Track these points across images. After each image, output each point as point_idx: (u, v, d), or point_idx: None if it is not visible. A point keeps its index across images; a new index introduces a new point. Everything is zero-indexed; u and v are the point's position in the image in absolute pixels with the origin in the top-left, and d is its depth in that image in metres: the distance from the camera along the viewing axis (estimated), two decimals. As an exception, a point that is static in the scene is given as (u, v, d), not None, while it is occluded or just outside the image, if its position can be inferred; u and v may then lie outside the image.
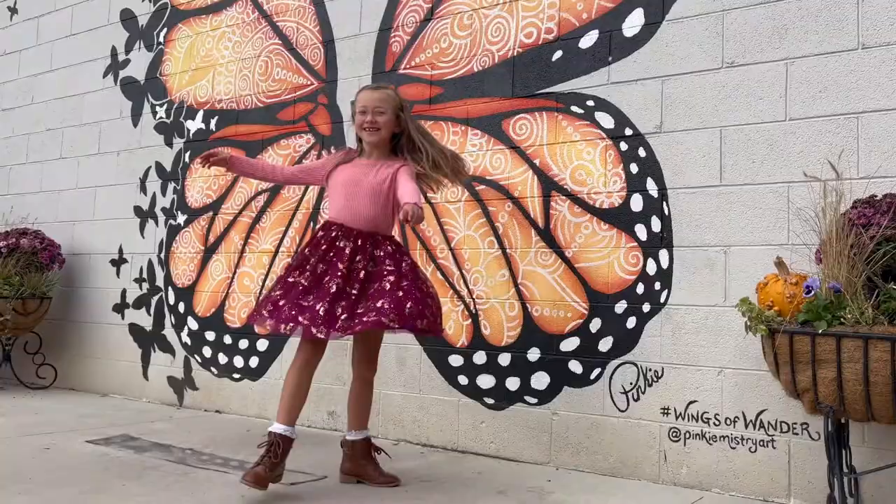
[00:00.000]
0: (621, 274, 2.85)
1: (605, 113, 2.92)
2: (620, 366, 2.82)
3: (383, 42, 3.53)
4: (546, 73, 3.07)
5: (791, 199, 2.51)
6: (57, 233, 4.66)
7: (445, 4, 3.35)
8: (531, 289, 3.04)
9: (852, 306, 2.01)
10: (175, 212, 4.25)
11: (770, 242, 2.54)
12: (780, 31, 2.59)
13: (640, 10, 2.87)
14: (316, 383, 3.57)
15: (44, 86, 5.06)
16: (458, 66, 3.30)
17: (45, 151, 4.99)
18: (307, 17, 3.81)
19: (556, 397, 2.95)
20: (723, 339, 2.62)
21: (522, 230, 3.08)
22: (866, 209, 2.10)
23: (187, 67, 4.29)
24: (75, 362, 4.61)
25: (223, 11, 4.16)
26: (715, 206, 2.67)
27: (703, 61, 2.73)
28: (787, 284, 2.18)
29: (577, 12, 3.01)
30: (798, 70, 2.55)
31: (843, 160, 2.41)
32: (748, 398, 2.57)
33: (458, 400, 3.18)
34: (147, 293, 4.32)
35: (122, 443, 3.15)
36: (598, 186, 2.92)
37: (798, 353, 2.07)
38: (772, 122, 2.58)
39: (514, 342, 3.07)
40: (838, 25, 2.49)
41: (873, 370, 1.93)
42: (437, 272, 3.28)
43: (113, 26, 4.68)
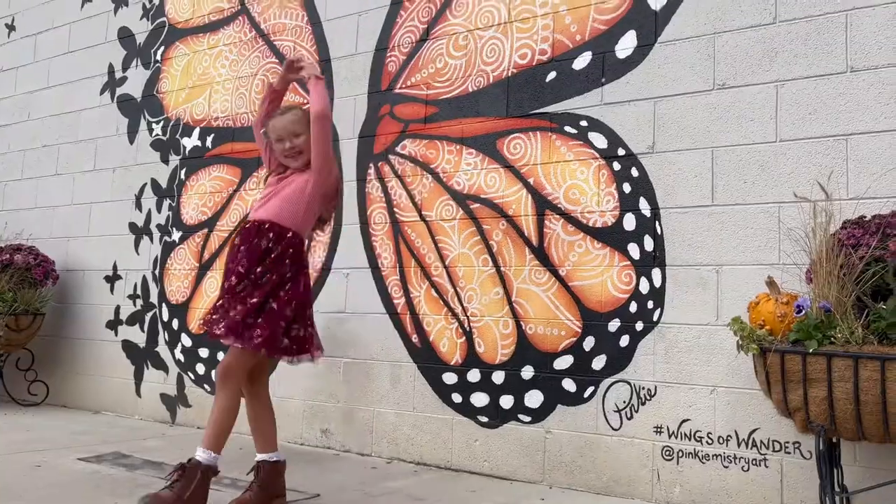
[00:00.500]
0: (614, 292, 2.86)
1: (598, 133, 2.96)
2: (614, 384, 2.83)
3: (379, 61, 3.57)
4: (540, 94, 3.10)
5: (782, 219, 2.54)
6: (51, 249, 4.66)
7: (441, 25, 3.39)
8: (525, 307, 3.06)
9: (842, 326, 2.03)
10: (170, 228, 4.26)
11: (761, 262, 2.56)
12: (770, 54, 2.63)
13: (632, 33, 2.91)
14: (308, 401, 3.60)
15: (40, 102, 5.08)
16: (454, 86, 3.33)
17: (41, 167, 5.00)
18: (304, 36, 3.85)
19: (549, 415, 2.95)
20: (715, 357, 2.63)
21: (517, 248, 3.10)
22: (855, 230, 2.13)
23: (184, 85, 4.31)
24: (67, 379, 4.59)
25: (220, 30, 4.20)
26: (707, 226, 2.70)
27: (694, 83, 2.77)
28: (779, 304, 2.20)
29: (571, 34, 3.05)
30: (788, 92, 2.59)
31: (832, 181, 2.44)
32: (741, 417, 2.58)
33: (452, 418, 3.18)
34: (141, 310, 4.32)
35: (113, 460, 3.13)
36: (592, 205, 2.95)
37: (789, 372, 2.08)
38: (762, 143, 2.62)
39: (508, 360, 3.07)
40: (827, 49, 2.53)
41: (863, 389, 1.95)
42: (432, 290, 3.30)
43: (110, 44, 4.71)
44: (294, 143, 2.53)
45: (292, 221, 2.47)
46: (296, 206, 2.49)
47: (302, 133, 2.53)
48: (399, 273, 3.40)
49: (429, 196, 3.35)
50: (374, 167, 3.53)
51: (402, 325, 3.37)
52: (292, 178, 2.55)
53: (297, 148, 2.53)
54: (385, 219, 3.47)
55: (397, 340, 3.37)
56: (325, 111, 2.51)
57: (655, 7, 2.87)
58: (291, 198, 2.50)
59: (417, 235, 3.37)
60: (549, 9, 3.10)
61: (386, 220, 3.47)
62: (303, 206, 2.49)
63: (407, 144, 3.44)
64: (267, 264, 2.40)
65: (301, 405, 3.62)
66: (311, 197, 2.51)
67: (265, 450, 2.48)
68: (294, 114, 2.60)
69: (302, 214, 2.49)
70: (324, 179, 2.52)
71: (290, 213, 2.48)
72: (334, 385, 3.53)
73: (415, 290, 3.35)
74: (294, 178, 2.54)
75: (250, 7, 4.08)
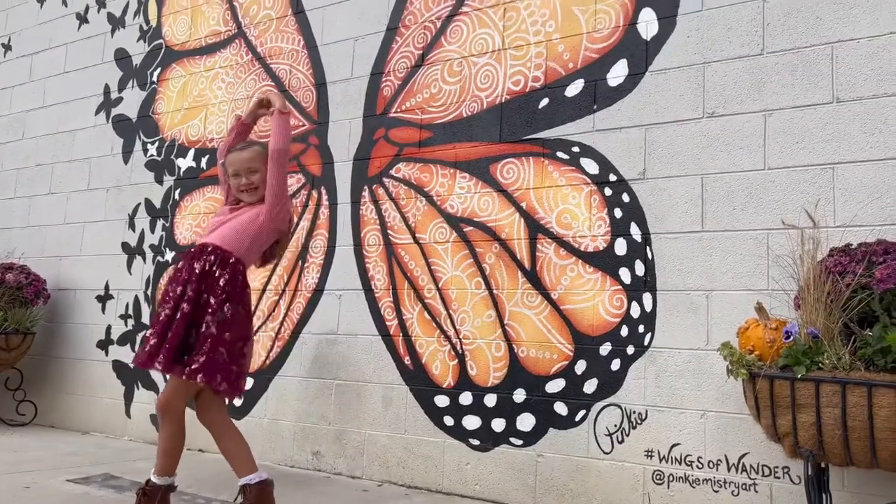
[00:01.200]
0: (606, 316, 2.89)
1: (590, 159, 3.00)
2: (605, 408, 2.85)
3: (375, 86, 3.61)
4: (533, 120, 3.15)
5: (770, 245, 2.58)
6: (43, 268, 4.65)
7: (436, 51, 3.44)
8: (517, 330, 3.08)
9: (830, 352, 2.06)
10: (163, 248, 4.26)
11: (750, 288, 2.60)
12: (758, 84, 2.69)
13: (624, 61, 2.97)
14: (300, 423, 3.59)
15: (35, 121, 5.10)
16: (448, 110, 3.38)
17: (34, 186, 5.00)
18: (300, 60, 3.90)
19: (541, 439, 2.96)
20: (705, 381, 2.66)
21: (509, 272, 3.13)
22: (842, 257, 2.17)
23: (180, 106, 4.35)
24: (57, 399, 4.56)
25: (217, 53, 4.24)
26: (697, 252, 2.73)
27: (684, 111, 2.82)
28: (767, 329, 2.23)
29: (564, 62, 3.11)
30: (776, 121, 2.64)
31: (819, 209, 2.49)
32: (731, 441, 2.60)
33: (444, 441, 3.18)
34: (132, 329, 4.30)
35: (103, 482, 3.11)
36: (584, 230, 2.99)
37: (778, 398, 2.11)
38: (751, 170, 2.67)
39: (501, 383, 3.09)
40: (814, 80, 2.59)
41: (851, 415, 1.97)
42: (425, 312, 3.32)
43: (107, 65, 4.74)
44: (250, 180, 2.59)
45: (237, 249, 2.51)
46: (242, 236, 2.54)
47: (258, 170, 2.59)
48: (392, 295, 3.42)
49: (422, 219, 3.38)
50: (369, 190, 3.57)
51: (394, 347, 3.38)
52: (244, 209, 2.61)
53: (252, 184, 2.60)
54: (379, 241, 3.50)
55: (390, 362, 3.38)
56: (284, 148, 2.56)
57: (646, 37, 2.93)
58: (239, 228, 2.56)
59: (411, 257, 3.39)
60: (543, 37, 3.16)
61: (380, 241, 3.49)
62: (249, 238, 2.55)
63: (401, 167, 3.47)
64: (204, 286, 2.42)
65: (292, 427, 3.62)
66: (259, 229, 2.57)
67: (244, 473, 2.48)
68: (253, 150, 2.65)
69: (247, 245, 2.54)
70: (275, 215, 2.58)
71: (237, 241, 2.52)
72: (326, 407, 3.53)
73: (408, 311, 3.37)
74: (246, 209, 2.61)
75: (247, 31, 4.13)
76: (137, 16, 4.64)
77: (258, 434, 3.69)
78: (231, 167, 2.62)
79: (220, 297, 2.42)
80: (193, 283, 2.43)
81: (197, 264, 2.46)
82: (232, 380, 2.44)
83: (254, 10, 4.12)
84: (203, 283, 2.43)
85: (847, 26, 2.55)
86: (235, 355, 2.45)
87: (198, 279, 2.43)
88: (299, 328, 3.69)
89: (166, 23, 4.51)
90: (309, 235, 3.71)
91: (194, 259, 2.48)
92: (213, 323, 2.39)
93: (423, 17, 3.50)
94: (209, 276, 2.44)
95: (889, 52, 2.48)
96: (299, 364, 3.65)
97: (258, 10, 4.10)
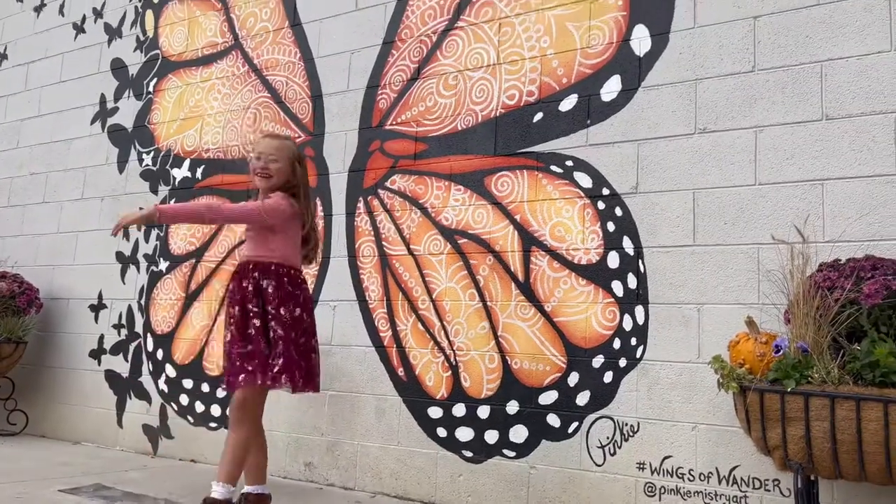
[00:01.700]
0: (599, 329, 2.91)
1: (583, 173, 3.03)
2: (597, 420, 2.87)
3: (371, 98, 3.64)
4: (527, 134, 3.18)
5: (761, 260, 2.61)
6: (36, 277, 4.64)
7: (432, 65, 3.48)
8: (511, 341, 3.10)
9: (819, 366, 2.09)
10: (157, 258, 4.27)
11: (741, 302, 2.63)
12: (749, 101, 2.73)
13: (617, 77, 3.01)
14: (293, 433, 3.59)
15: (30, 130, 5.10)
16: (443, 124, 3.41)
17: (27, 195, 5.00)
18: (296, 72, 3.93)
19: (534, 451, 2.98)
20: (697, 394, 2.68)
21: (503, 283, 3.15)
22: (831, 273, 2.20)
23: (176, 117, 4.36)
24: (48, 409, 4.54)
25: (213, 64, 4.26)
26: (689, 265, 2.76)
27: (676, 127, 2.86)
28: (758, 343, 2.26)
29: (558, 77, 3.14)
30: (767, 138, 2.68)
31: (809, 224, 2.52)
32: (721, 454, 2.62)
33: (437, 452, 3.19)
34: (125, 339, 4.30)
35: (94, 492, 3.10)
36: (577, 243, 3.01)
37: (768, 411, 2.13)
38: (742, 186, 2.70)
39: (494, 395, 3.10)
40: (804, 97, 2.63)
41: (839, 428, 2.00)
42: (419, 323, 3.33)
43: (103, 74, 4.76)
44: (268, 166, 2.65)
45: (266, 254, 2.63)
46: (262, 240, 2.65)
47: (279, 161, 2.66)
48: (386, 306, 3.44)
49: (417, 230, 3.40)
50: (364, 201, 3.59)
51: (388, 359, 3.39)
52: None
53: (268, 171, 2.66)
54: (373, 252, 3.51)
55: (383, 373, 3.39)
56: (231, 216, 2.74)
57: (639, 53, 2.97)
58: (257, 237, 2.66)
59: (405, 269, 3.41)
60: (537, 52, 3.20)
61: (374, 253, 3.51)
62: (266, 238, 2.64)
63: (396, 180, 3.50)
64: (261, 298, 2.56)
65: (285, 438, 3.62)
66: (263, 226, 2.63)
67: (255, 482, 2.50)
68: (283, 143, 2.73)
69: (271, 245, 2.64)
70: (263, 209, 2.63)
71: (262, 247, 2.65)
72: (319, 418, 3.53)
73: (401, 323, 3.39)
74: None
75: (244, 42, 4.16)
76: (134, 26, 4.67)
77: (251, 445, 3.68)
78: (256, 150, 2.69)
79: (274, 304, 2.56)
80: (251, 299, 2.55)
81: (245, 281, 2.59)
82: (303, 375, 2.57)
83: (251, 22, 4.15)
84: (258, 296, 2.57)
85: (836, 45, 2.60)
86: (303, 353, 2.59)
87: (252, 294, 2.56)
88: (293, 339, 3.69)
89: (163, 33, 4.53)
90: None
91: (242, 278, 2.61)
92: (278, 327, 2.54)
93: (419, 30, 3.54)
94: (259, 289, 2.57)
95: (877, 70, 2.52)
96: (293, 375, 3.65)
97: (255, 22, 4.13)
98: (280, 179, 2.66)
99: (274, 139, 2.72)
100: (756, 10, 2.76)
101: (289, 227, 2.67)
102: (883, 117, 2.49)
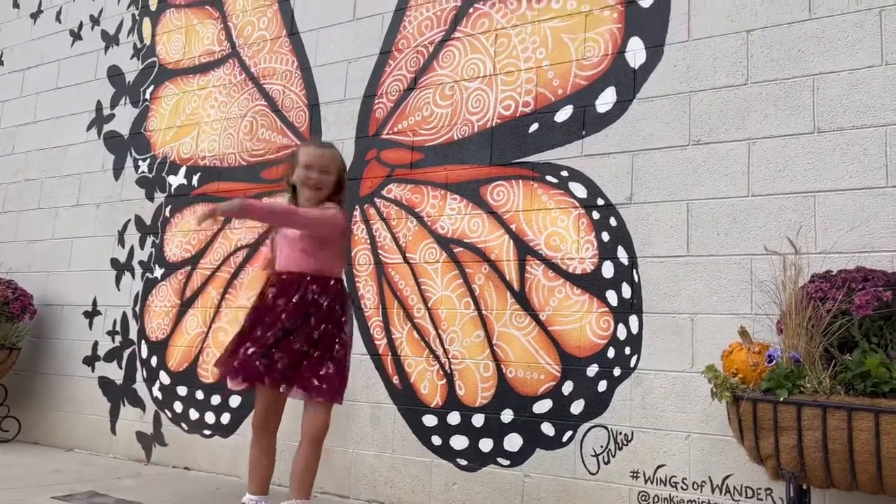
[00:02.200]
0: (593, 338, 2.94)
1: (578, 183, 3.06)
2: (592, 429, 2.89)
3: (367, 108, 3.67)
4: (523, 144, 3.21)
5: (753, 271, 2.64)
6: (30, 283, 4.63)
7: (428, 75, 3.51)
8: (506, 350, 3.11)
9: (811, 376, 2.11)
10: (152, 265, 4.27)
11: (734, 312, 2.65)
12: (742, 113, 2.76)
13: (612, 89, 3.04)
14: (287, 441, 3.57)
15: (25, 136, 5.10)
16: (439, 133, 3.43)
17: (22, 201, 5.00)
18: (293, 80, 3.95)
19: (528, 459, 2.99)
20: (690, 404, 2.70)
21: (498, 292, 3.17)
22: (823, 284, 2.23)
23: (172, 124, 4.37)
24: (41, 415, 4.53)
25: (210, 72, 4.28)
26: (682, 276, 2.79)
27: (671, 138, 2.89)
28: (751, 353, 2.28)
29: (553, 88, 3.17)
30: (760, 150, 2.72)
31: (801, 236, 2.55)
32: (715, 463, 2.64)
33: (431, 461, 3.20)
34: (119, 346, 4.30)
35: (88, 499, 3.10)
36: (572, 252, 3.04)
37: (761, 420, 2.16)
38: (735, 197, 2.73)
39: (488, 403, 3.12)
40: (796, 110, 2.67)
41: (831, 438, 2.02)
42: (414, 331, 3.34)
43: (99, 81, 4.77)
44: (321, 178, 2.64)
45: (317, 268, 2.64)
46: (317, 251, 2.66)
47: (331, 173, 2.66)
48: (382, 314, 3.45)
49: (413, 239, 3.42)
50: (360, 209, 3.60)
51: (383, 367, 3.40)
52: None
53: (321, 184, 2.64)
54: (369, 260, 3.53)
55: (378, 381, 3.40)
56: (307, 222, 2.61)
57: (634, 65, 3.00)
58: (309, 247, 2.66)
59: (401, 277, 3.43)
60: (533, 63, 3.23)
61: (370, 261, 3.53)
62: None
63: (393, 188, 3.52)
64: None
65: (280, 446, 3.60)
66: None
67: (258, 492, 2.64)
68: (333, 152, 2.74)
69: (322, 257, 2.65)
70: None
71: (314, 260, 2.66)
72: (314, 425, 3.53)
73: (397, 331, 3.40)
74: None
75: (241, 51, 4.18)
76: (132, 34, 4.68)
77: (245, 452, 3.67)
78: (305, 158, 2.65)
79: (343, 321, 2.66)
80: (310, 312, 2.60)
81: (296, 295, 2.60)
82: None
83: (248, 31, 4.17)
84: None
85: (828, 60, 2.64)
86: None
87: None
88: (288, 346, 3.69)
89: (160, 41, 4.55)
90: (299, 254, 3.74)
91: (299, 291, 2.61)
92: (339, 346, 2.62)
93: (416, 41, 3.57)
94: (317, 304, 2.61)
95: (868, 84, 2.56)
96: (288, 382, 3.66)
97: (252, 30, 4.15)
98: (329, 190, 2.67)
99: (325, 149, 2.72)
100: (749, 24, 2.79)
101: (341, 240, 2.75)
102: (874, 130, 2.53)
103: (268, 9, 4.12)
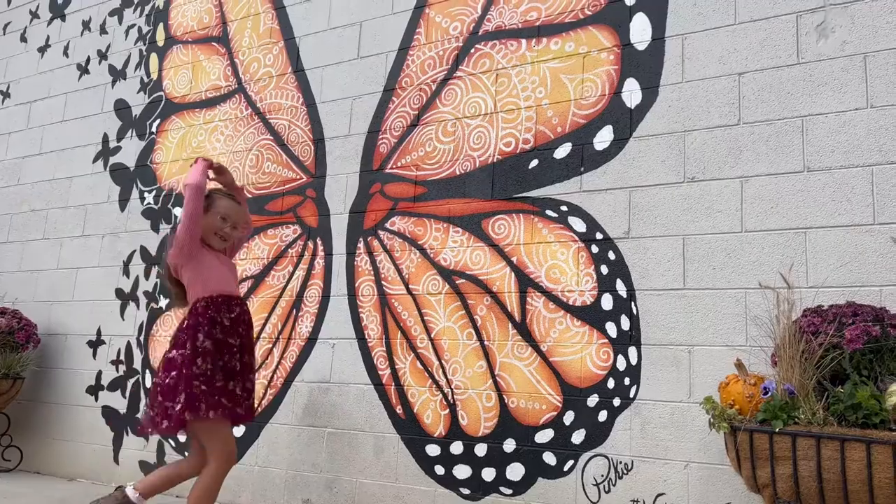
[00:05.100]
0: (593, 369, 3.01)
1: (577, 218, 3.16)
2: (592, 458, 2.95)
3: (371, 143, 3.77)
4: (523, 179, 3.32)
5: (748, 305, 2.74)
6: (34, 312, 4.69)
7: (431, 112, 3.62)
8: (508, 380, 3.19)
9: (805, 407, 2.20)
10: (157, 295, 4.33)
11: (730, 344, 2.74)
12: (735, 152, 2.88)
13: (609, 127, 3.16)
14: (291, 470, 3.64)
15: (31, 168, 5.18)
16: (442, 168, 3.54)
17: (27, 231, 5.06)
18: (299, 116, 4.06)
19: (530, 488, 3.05)
20: (688, 433, 2.78)
21: (500, 323, 3.25)
22: (815, 318, 2.32)
23: (178, 157, 4.47)
24: (43, 445, 4.55)
25: (217, 106, 4.39)
26: (679, 308, 2.88)
27: (666, 175, 3.00)
28: (747, 385, 2.37)
29: (553, 126, 3.29)
30: (752, 187, 2.83)
31: (793, 271, 2.65)
32: (713, 492, 2.71)
33: (435, 490, 3.25)
34: (123, 375, 4.34)
35: (95, 529, 3.12)
36: (572, 285, 3.13)
37: (758, 450, 2.23)
38: (729, 232, 2.84)
39: (491, 433, 3.18)
40: (786, 150, 2.79)
41: (825, 467, 2.10)
42: (417, 361, 3.42)
43: (106, 114, 4.86)
44: (231, 233, 2.90)
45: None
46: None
47: (237, 227, 2.92)
48: (385, 344, 3.52)
49: (416, 270, 3.51)
50: (364, 242, 3.69)
51: (386, 396, 3.47)
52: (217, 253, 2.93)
53: (229, 238, 2.92)
54: (373, 291, 3.61)
55: (381, 411, 3.46)
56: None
57: (630, 105, 3.12)
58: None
59: (404, 308, 3.51)
60: (533, 102, 3.35)
61: (374, 292, 3.60)
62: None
63: (396, 221, 3.61)
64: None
65: (283, 474, 3.66)
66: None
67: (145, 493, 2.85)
68: (243, 209, 2.98)
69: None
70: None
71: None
72: (317, 455, 3.58)
73: (400, 361, 3.47)
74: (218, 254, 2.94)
75: (247, 86, 4.29)
76: (139, 68, 4.79)
77: (249, 481, 3.72)
78: (223, 210, 2.87)
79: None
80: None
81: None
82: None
83: (254, 67, 4.28)
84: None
85: (816, 102, 2.76)
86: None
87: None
88: (292, 376, 3.76)
89: (167, 76, 4.66)
90: (304, 285, 3.82)
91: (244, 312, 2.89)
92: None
93: (418, 79, 3.69)
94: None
95: (855, 126, 2.68)
96: (291, 412, 3.72)
97: (259, 67, 4.27)
98: (231, 246, 3.09)
99: (239, 205, 2.95)
100: (741, 66, 2.92)
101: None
102: (860, 170, 2.64)
103: (273, 46, 4.24)
